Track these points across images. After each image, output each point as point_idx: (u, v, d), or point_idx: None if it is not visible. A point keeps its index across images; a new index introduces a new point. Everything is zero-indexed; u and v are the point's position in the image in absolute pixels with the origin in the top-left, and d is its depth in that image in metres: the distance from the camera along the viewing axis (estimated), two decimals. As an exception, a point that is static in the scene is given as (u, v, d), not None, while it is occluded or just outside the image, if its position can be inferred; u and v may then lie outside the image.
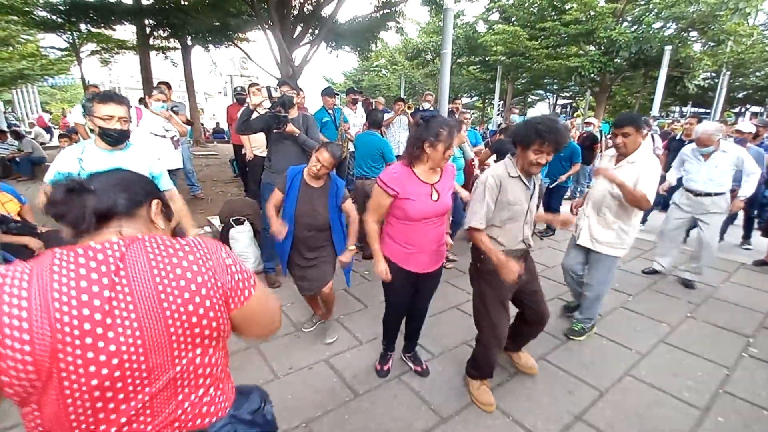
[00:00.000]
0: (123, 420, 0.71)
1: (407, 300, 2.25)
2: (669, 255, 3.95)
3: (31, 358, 0.61)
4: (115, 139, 2.00)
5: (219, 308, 0.79)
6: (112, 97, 1.96)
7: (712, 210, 3.55)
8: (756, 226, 5.43)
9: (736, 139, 4.60)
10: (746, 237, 5.14)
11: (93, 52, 15.01)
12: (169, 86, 4.96)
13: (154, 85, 4.86)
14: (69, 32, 13.44)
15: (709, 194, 3.52)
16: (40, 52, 17.79)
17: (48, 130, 13.65)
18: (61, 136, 6.03)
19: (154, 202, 0.89)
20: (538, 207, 2.20)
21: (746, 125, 4.67)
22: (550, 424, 2.08)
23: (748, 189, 3.53)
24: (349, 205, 2.52)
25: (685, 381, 2.44)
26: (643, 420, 2.12)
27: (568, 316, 3.16)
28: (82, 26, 11.93)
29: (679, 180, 3.87)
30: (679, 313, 3.30)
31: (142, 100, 4.94)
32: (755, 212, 5.30)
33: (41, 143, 9.59)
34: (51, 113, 25.62)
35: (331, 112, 5.19)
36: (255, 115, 3.14)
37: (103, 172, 0.87)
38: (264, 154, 4.84)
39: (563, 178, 5.11)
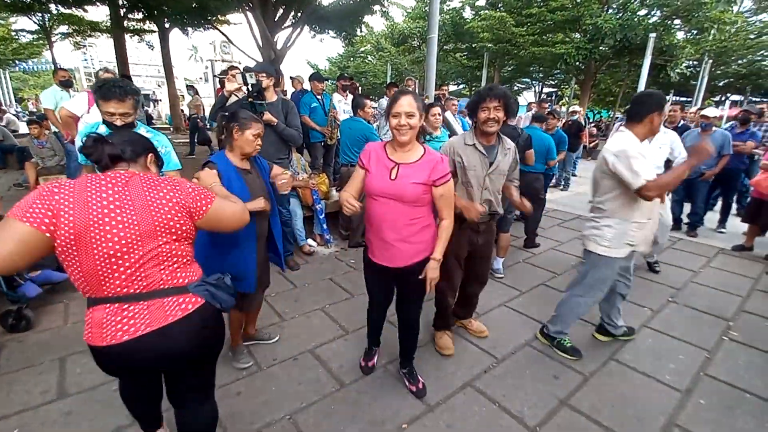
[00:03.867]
0: (129, 270, 1.17)
1: (382, 296, 2.15)
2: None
3: (73, 230, 1.09)
4: (116, 131, 1.97)
5: (182, 216, 1.24)
6: (115, 93, 1.88)
7: None
8: (735, 212, 5.59)
9: (703, 124, 4.71)
10: (722, 222, 5.29)
11: (65, 35, 14.36)
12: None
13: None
14: (39, 13, 12.81)
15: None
16: (11, 35, 16.95)
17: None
18: (30, 122, 5.72)
19: (149, 155, 1.37)
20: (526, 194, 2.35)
21: (711, 110, 4.87)
22: (536, 409, 2.09)
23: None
24: (276, 170, 2.28)
25: (667, 364, 2.47)
26: (626, 403, 2.14)
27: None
28: (52, 6, 11.38)
29: None
30: (660, 297, 3.35)
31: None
32: (734, 198, 5.44)
33: (13, 131, 9.16)
34: (24, 99, 24.56)
35: (319, 97, 5.05)
36: (233, 99, 3.01)
37: (119, 131, 1.49)
38: None
39: (552, 163, 5.11)
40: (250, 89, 2.95)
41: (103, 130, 2.01)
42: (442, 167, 1.80)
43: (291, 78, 6.85)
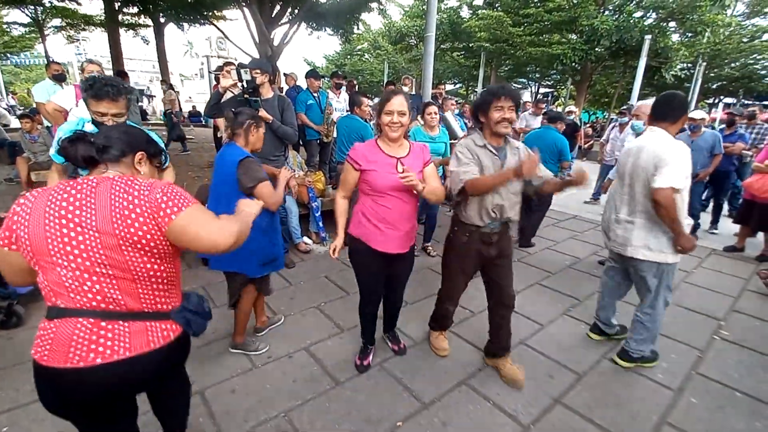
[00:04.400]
0: (97, 288, 1.05)
1: (378, 285, 2.21)
2: None
3: (29, 242, 1.03)
4: None
5: (151, 228, 1.06)
6: (108, 93, 1.77)
7: None
8: (726, 213, 5.65)
9: (691, 126, 4.75)
10: (714, 222, 5.35)
11: (58, 29, 14.19)
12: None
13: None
14: (32, 6, 12.64)
15: None
16: (2, 28, 16.72)
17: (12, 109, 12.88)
18: (22, 116, 5.64)
19: (138, 154, 1.22)
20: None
21: (698, 113, 4.88)
22: (530, 407, 2.10)
23: None
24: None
25: (659, 363, 2.49)
26: (619, 401, 2.16)
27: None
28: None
29: None
30: (654, 297, 3.37)
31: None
32: (724, 200, 5.50)
33: (4, 125, 9.04)
34: (16, 93, 24.24)
35: (316, 95, 5.02)
36: (228, 95, 2.99)
37: (114, 127, 1.28)
38: None
39: (566, 165, 5.10)
40: (245, 86, 2.93)
41: (90, 128, 1.93)
42: (427, 150, 2.11)
43: (285, 75, 6.82)
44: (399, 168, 1.93)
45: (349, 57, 27.84)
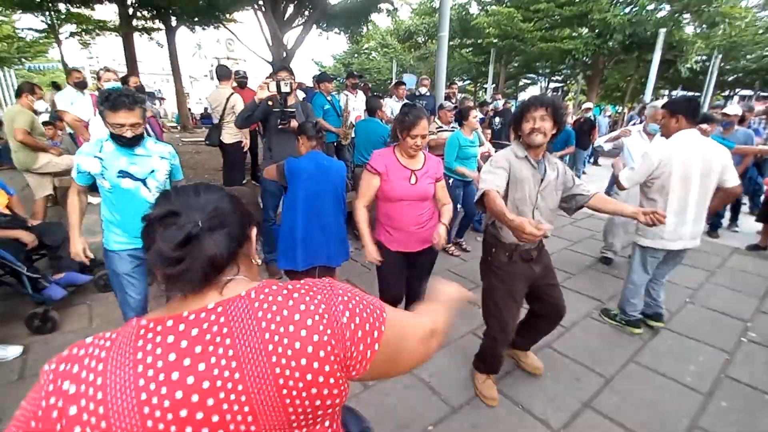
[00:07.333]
0: None
1: (399, 282, 2.39)
2: (618, 237, 3.99)
3: None
4: (126, 144, 1.93)
5: (339, 376, 0.61)
6: (124, 103, 1.81)
7: None
8: (748, 210, 5.55)
9: (724, 123, 4.64)
10: (733, 219, 5.27)
11: (72, 34, 14.40)
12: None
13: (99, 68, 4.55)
14: (47, 12, 12.85)
15: None
16: (17, 33, 17.01)
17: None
18: (44, 123, 5.77)
19: (254, 231, 0.69)
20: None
21: (733, 108, 4.69)
22: (559, 411, 2.11)
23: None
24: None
25: (687, 366, 2.48)
26: (649, 405, 2.16)
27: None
28: (61, 6, 11.44)
29: None
30: (678, 298, 3.34)
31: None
32: (744, 197, 5.38)
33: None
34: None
35: (329, 98, 5.03)
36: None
37: (184, 191, 0.65)
38: (238, 139, 4.71)
39: (557, 155, 5.09)
40: (280, 96, 2.98)
41: (110, 148, 1.95)
42: (441, 167, 2.33)
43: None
44: (412, 180, 2.19)
45: (356, 56, 27.88)
